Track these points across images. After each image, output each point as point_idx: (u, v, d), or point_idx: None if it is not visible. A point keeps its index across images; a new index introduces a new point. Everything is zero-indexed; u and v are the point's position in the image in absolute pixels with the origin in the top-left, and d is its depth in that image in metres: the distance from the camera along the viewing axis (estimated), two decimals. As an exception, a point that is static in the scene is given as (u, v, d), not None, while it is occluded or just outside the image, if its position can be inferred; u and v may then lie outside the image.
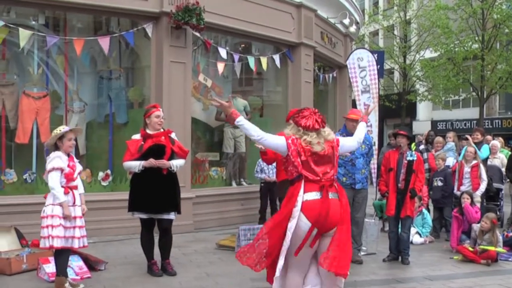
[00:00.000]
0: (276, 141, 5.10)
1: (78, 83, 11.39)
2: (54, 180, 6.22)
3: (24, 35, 9.52)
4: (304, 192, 4.92)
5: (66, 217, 6.17)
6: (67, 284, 6.35)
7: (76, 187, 6.37)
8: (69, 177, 6.28)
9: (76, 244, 6.26)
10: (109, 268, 7.57)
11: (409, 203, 8.22)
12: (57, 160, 6.26)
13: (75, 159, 6.53)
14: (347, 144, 5.51)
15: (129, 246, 9.09)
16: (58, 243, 6.15)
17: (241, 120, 5.11)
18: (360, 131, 5.82)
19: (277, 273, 4.96)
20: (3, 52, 10.49)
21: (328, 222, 4.89)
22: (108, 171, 10.74)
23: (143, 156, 7.02)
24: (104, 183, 10.61)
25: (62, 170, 6.25)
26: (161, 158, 7.05)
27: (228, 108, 5.16)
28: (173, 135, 7.34)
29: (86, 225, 6.62)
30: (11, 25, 9.57)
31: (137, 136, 7.25)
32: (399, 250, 8.38)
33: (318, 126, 5.10)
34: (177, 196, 7.34)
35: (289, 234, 4.88)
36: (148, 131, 7.20)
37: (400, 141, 8.32)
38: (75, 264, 7.03)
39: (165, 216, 7.18)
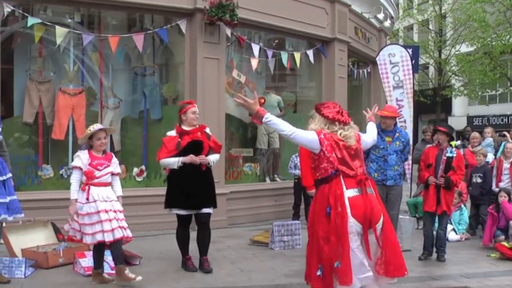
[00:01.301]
0: (308, 136, 4.91)
1: (112, 80, 11.51)
2: (72, 177, 6.43)
3: (60, 32, 9.64)
4: (347, 189, 4.76)
5: (69, 214, 6.36)
6: (126, 271, 6.43)
7: (97, 184, 6.38)
8: (88, 175, 6.35)
9: (108, 238, 6.29)
10: (144, 263, 7.62)
11: (447, 200, 8.07)
12: (76, 159, 6.43)
13: (113, 159, 6.60)
14: (366, 140, 5.44)
15: (163, 241, 9.15)
16: (88, 240, 6.30)
17: (269, 116, 4.89)
18: (372, 129, 5.84)
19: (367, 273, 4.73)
20: (40, 50, 10.64)
21: (373, 218, 4.78)
22: (143, 167, 10.82)
23: (181, 153, 7.03)
24: (138, 179, 10.70)
25: (81, 168, 6.35)
26: (199, 154, 7.03)
27: (254, 106, 4.95)
28: (207, 130, 7.34)
29: (121, 221, 6.71)
30: (48, 23, 9.69)
31: (172, 133, 7.23)
32: (435, 247, 8.27)
33: (349, 120, 5.03)
34: (214, 190, 7.37)
35: (350, 235, 4.68)
36: (184, 127, 7.19)
37: (439, 138, 8.17)
38: (110, 258, 7.09)
39: (205, 210, 7.18)
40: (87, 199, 6.30)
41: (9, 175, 6.46)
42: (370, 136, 5.64)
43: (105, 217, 6.28)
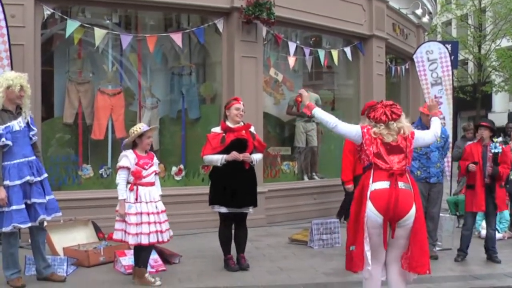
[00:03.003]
0: (351, 128, 5.40)
1: (150, 80, 11.59)
2: (119, 177, 6.43)
3: (99, 34, 9.74)
4: (373, 181, 5.05)
5: (119, 215, 6.37)
6: (147, 275, 6.50)
7: (145, 184, 6.44)
8: (136, 175, 6.39)
9: (144, 240, 6.32)
10: (184, 262, 7.65)
11: (501, 197, 7.89)
12: (124, 159, 6.43)
13: (154, 158, 6.64)
14: (424, 137, 5.57)
15: (203, 240, 9.19)
16: (131, 240, 6.33)
17: (317, 110, 5.57)
18: (437, 125, 5.80)
19: (367, 264, 5.04)
20: (79, 51, 10.77)
21: (398, 211, 4.95)
22: (181, 166, 10.86)
23: (225, 150, 7.03)
24: (177, 178, 10.74)
25: (128, 168, 6.39)
26: (243, 152, 7.01)
27: (307, 99, 5.74)
28: (252, 129, 7.32)
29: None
30: (87, 25, 9.81)
31: (217, 129, 7.22)
32: (486, 248, 8.09)
33: (385, 118, 5.20)
34: (256, 189, 7.36)
35: (364, 225, 5.00)
36: (229, 124, 7.17)
37: (482, 133, 7.97)
38: (151, 257, 7.13)
39: (245, 210, 7.19)
40: (136, 199, 6.35)
41: (45, 175, 6.54)
42: (430, 133, 5.68)
43: (146, 220, 6.33)
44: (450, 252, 8.30)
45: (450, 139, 11.20)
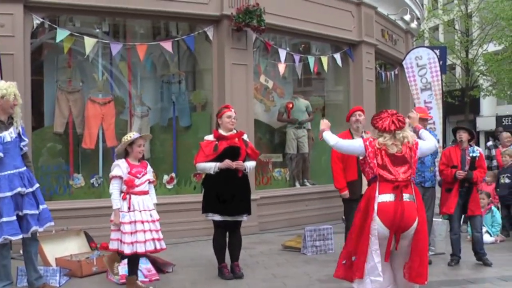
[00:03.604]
0: (353, 144, 5.55)
1: (141, 88, 11.58)
2: (112, 187, 6.41)
3: (89, 43, 9.70)
4: (379, 193, 5.08)
5: (114, 224, 6.33)
6: (138, 282, 6.51)
7: (138, 193, 6.41)
8: (129, 184, 6.36)
9: (140, 249, 6.29)
10: (177, 270, 7.62)
11: (475, 201, 7.95)
12: (116, 169, 6.41)
13: (148, 167, 6.61)
14: (428, 146, 5.64)
15: (195, 248, 9.16)
16: (126, 249, 6.28)
17: (326, 134, 5.69)
18: (429, 135, 5.92)
19: (378, 275, 5.08)
20: (68, 60, 10.74)
21: (403, 224, 5.02)
22: (173, 174, 10.84)
23: (218, 158, 7.02)
24: (169, 186, 10.72)
25: (121, 178, 6.37)
26: (236, 160, 7.01)
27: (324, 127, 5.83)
28: (245, 137, 7.32)
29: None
30: (76, 34, 9.77)
31: (210, 137, 7.23)
32: (474, 251, 8.13)
33: (394, 127, 5.23)
34: (250, 197, 7.35)
35: (372, 237, 5.05)
36: (222, 132, 7.17)
37: (461, 136, 8.04)
38: (144, 266, 7.11)
39: (238, 218, 7.18)
40: (129, 208, 6.33)
41: (37, 185, 6.48)
42: (430, 142, 5.74)
43: (140, 228, 6.30)
44: (443, 257, 8.32)
45: (440, 143, 11.29)
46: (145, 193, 6.49)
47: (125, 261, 6.71)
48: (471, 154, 7.91)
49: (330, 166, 7.81)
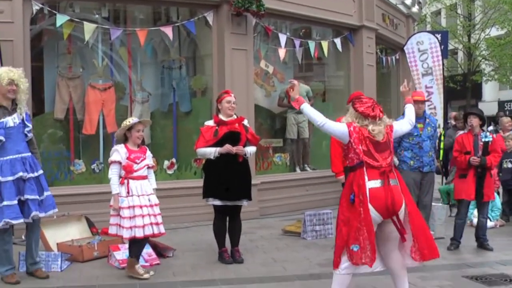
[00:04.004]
0: (338, 127, 5.23)
1: (141, 74, 11.58)
2: (111, 172, 6.47)
3: (88, 28, 9.67)
4: (368, 180, 5.01)
5: (114, 209, 6.39)
6: (137, 266, 6.53)
7: (136, 178, 6.45)
8: (127, 169, 6.41)
9: (138, 233, 6.34)
10: (177, 255, 7.67)
11: (489, 186, 7.92)
12: (115, 154, 6.46)
13: (147, 152, 6.65)
14: (401, 128, 5.56)
15: (195, 233, 9.20)
16: (125, 234, 6.35)
17: (306, 105, 5.35)
18: (410, 112, 5.77)
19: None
20: (68, 46, 10.72)
21: (394, 208, 4.99)
22: (173, 160, 10.86)
23: (218, 143, 7.03)
24: (169, 172, 10.74)
25: (120, 163, 6.41)
26: (236, 145, 7.02)
27: (297, 93, 5.47)
28: (245, 122, 7.33)
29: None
30: (76, 20, 9.75)
31: (210, 123, 7.23)
32: (476, 237, 8.14)
33: (373, 114, 5.16)
34: (251, 182, 7.37)
35: (371, 223, 4.96)
36: (222, 117, 7.18)
37: (472, 122, 7.98)
38: (145, 251, 7.14)
39: (239, 203, 7.21)
40: (128, 192, 6.37)
41: (41, 171, 6.52)
42: (405, 121, 5.65)
43: (139, 213, 6.34)
44: (443, 241, 8.34)
45: (441, 129, 11.30)
46: (144, 178, 6.53)
47: (126, 245, 6.76)
48: (483, 139, 7.87)
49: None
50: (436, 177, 8.47)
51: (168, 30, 10.31)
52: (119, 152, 6.44)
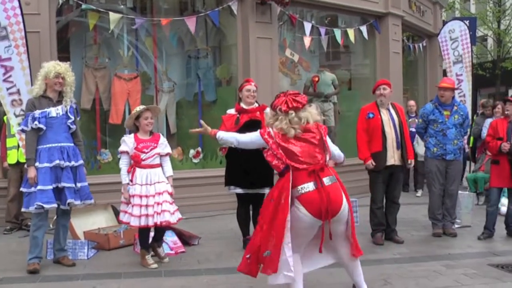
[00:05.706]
0: (252, 137, 5.15)
1: (166, 64, 11.63)
2: (121, 162, 6.63)
3: (114, 18, 9.73)
4: (298, 184, 4.77)
5: (124, 198, 6.50)
6: (147, 256, 6.61)
7: (144, 166, 6.51)
8: (135, 159, 6.49)
9: (149, 222, 6.42)
10: (203, 243, 7.72)
11: None
12: (123, 144, 6.60)
13: (160, 140, 6.68)
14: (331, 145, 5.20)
15: (221, 221, 9.24)
16: (134, 222, 6.44)
17: (220, 135, 5.35)
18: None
19: (290, 271, 4.76)
20: (94, 37, 10.82)
21: (332, 209, 4.74)
22: (199, 149, 10.91)
23: (239, 131, 7.02)
24: (195, 160, 10.80)
25: (128, 153, 6.50)
26: None
27: (207, 131, 5.55)
28: (267, 110, 7.31)
29: (179, 202, 6.88)
30: (101, 10, 9.83)
31: (232, 111, 7.28)
32: (507, 224, 8.03)
33: (285, 108, 4.90)
34: (272, 170, 7.35)
35: (288, 226, 4.72)
36: (243, 106, 7.22)
37: (507, 109, 7.86)
38: (170, 239, 7.22)
39: (260, 191, 7.20)
40: (131, 181, 6.47)
41: (81, 162, 6.64)
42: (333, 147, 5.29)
43: (137, 202, 6.42)
44: (470, 230, 8.28)
45: (470, 116, 11.14)
46: (153, 166, 6.57)
47: (152, 234, 6.83)
48: None
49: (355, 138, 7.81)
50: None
51: (191, 21, 10.28)
52: (126, 143, 6.55)
